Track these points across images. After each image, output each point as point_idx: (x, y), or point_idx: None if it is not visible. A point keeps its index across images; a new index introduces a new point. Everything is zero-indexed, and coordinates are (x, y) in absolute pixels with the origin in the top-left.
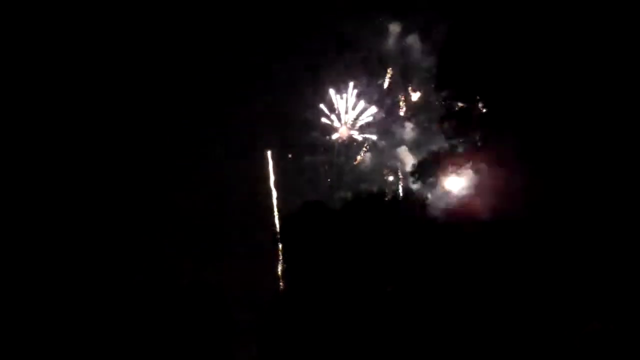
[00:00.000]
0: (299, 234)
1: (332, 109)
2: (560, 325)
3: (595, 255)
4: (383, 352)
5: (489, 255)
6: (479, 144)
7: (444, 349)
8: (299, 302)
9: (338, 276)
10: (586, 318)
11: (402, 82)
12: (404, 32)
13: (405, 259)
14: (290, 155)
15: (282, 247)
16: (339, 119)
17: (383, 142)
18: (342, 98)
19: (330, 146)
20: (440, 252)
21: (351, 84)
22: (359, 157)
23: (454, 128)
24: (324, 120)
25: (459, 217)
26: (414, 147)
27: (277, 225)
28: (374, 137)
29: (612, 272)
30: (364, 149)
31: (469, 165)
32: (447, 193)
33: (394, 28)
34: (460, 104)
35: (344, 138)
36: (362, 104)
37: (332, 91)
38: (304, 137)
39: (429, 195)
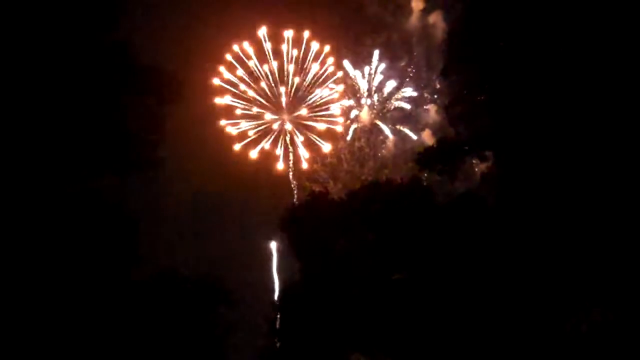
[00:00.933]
0: (304, 225)
1: (354, 90)
2: (560, 317)
3: (596, 247)
4: (388, 341)
5: (493, 244)
6: (485, 131)
7: (449, 336)
8: (305, 292)
9: (344, 265)
10: (586, 309)
11: (426, 63)
12: (427, 11)
13: (410, 247)
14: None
15: (289, 238)
16: (359, 103)
17: (406, 127)
18: (363, 78)
19: (351, 131)
20: (446, 240)
21: (376, 54)
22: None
23: (460, 115)
24: (343, 102)
25: (464, 205)
26: (438, 132)
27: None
28: (408, 132)
29: (610, 263)
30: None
31: (475, 152)
32: (454, 181)
33: (417, 5)
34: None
35: (366, 124)
36: (388, 85)
37: (349, 67)
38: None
39: (436, 183)
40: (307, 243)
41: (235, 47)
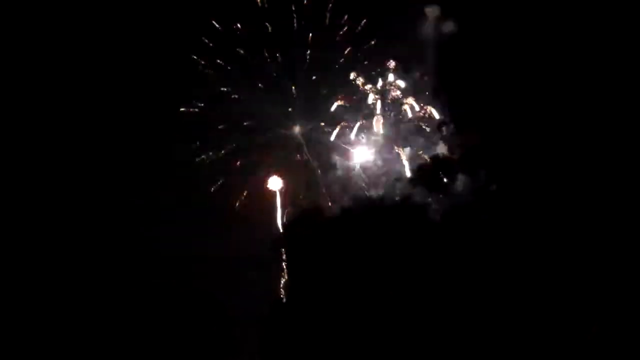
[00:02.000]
0: (299, 241)
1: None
2: (561, 330)
3: (595, 259)
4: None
5: (490, 259)
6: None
7: (445, 354)
8: (300, 309)
9: (339, 282)
10: (587, 322)
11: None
12: (442, 19)
13: (406, 263)
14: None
15: (283, 253)
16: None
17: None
18: (376, 89)
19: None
20: (442, 256)
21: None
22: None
23: (453, 132)
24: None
25: (459, 220)
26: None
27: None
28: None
29: (611, 276)
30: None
31: (469, 169)
32: (447, 197)
33: (432, 13)
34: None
35: (378, 138)
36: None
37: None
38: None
39: (430, 199)
40: (301, 259)
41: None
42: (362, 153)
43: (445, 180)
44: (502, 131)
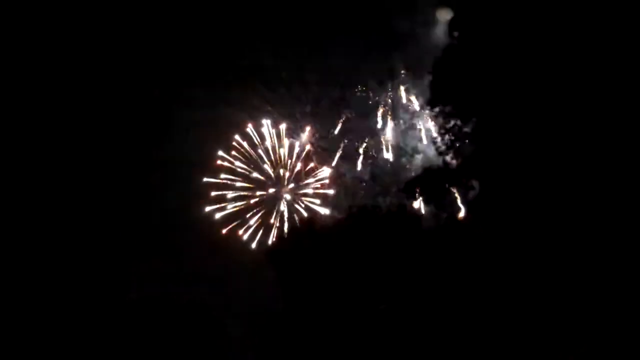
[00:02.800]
0: (293, 251)
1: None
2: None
3: (586, 278)
4: None
5: (482, 273)
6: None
7: None
8: (294, 320)
9: (331, 294)
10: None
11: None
12: (454, 22)
13: (397, 276)
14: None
15: (276, 264)
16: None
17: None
18: (386, 96)
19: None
20: (434, 268)
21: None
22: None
23: (447, 144)
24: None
25: (453, 233)
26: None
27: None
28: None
29: (602, 295)
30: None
31: (462, 180)
32: (441, 209)
33: (443, 16)
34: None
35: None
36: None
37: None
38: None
39: (423, 211)
40: (295, 271)
41: None
42: (370, 163)
43: (447, 190)
44: (504, 139)
